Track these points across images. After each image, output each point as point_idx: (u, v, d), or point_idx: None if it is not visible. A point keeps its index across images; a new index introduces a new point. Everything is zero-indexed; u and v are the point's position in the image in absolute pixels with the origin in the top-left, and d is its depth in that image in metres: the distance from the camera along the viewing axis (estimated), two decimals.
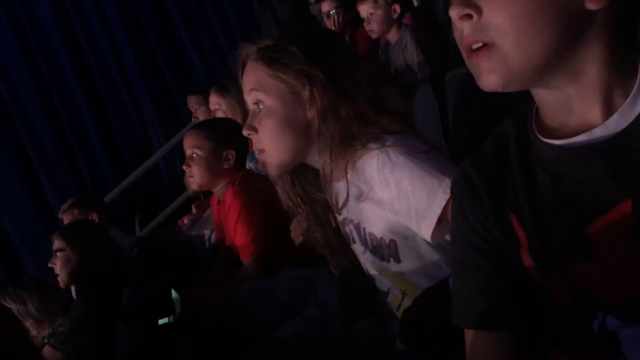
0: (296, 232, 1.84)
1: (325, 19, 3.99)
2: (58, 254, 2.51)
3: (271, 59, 1.34)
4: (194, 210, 3.43)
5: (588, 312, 0.86)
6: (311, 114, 1.32)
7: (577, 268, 0.84)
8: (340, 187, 1.37)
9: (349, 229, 1.44)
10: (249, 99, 1.37)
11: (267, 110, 1.34)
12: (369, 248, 1.40)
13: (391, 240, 1.34)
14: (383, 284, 1.43)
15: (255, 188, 2.20)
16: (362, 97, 1.31)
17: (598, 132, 0.81)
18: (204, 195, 3.35)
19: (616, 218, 0.79)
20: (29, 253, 4.54)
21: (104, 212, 3.57)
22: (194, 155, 2.31)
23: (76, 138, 4.94)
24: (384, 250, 1.36)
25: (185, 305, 2.38)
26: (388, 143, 1.26)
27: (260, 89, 1.34)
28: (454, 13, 0.81)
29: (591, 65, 0.80)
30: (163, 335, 2.26)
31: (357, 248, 1.45)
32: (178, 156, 4.88)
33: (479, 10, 0.79)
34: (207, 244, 2.85)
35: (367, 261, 1.43)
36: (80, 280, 2.53)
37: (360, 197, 1.33)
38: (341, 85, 1.31)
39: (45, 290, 2.69)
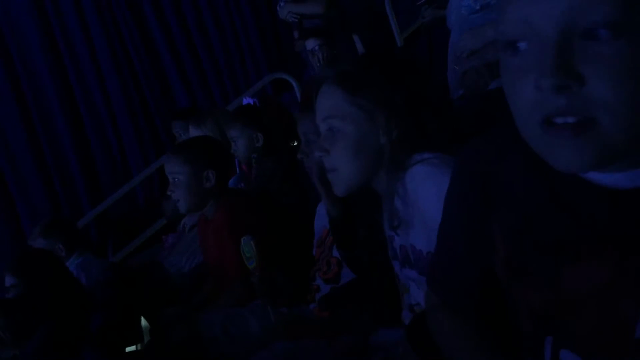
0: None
1: (310, 56, 4.03)
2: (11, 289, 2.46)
3: (351, 85, 1.32)
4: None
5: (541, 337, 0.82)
6: (384, 139, 1.31)
7: (543, 291, 0.79)
8: (398, 204, 1.36)
9: (396, 244, 1.41)
10: (324, 125, 1.35)
11: (341, 135, 1.33)
12: (409, 262, 1.37)
13: (428, 252, 1.30)
14: (416, 297, 1.39)
15: (246, 210, 2.24)
16: (434, 123, 1.31)
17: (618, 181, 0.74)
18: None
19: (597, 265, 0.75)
20: None
21: (74, 237, 3.48)
22: (176, 180, 2.30)
23: (54, 159, 4.91)
24: (423, 262, 1.32)
25: (154, 332, 2.33)
26: (426, 157, 1.27)
27: (337, 116, 1.32)
28: (547, 83, 0.67)
29: None
30: None
31: (397, 264, 1.43)
32: (156, 182, 4.85)
33: (581, 80, 0.66)
34: (185, 269, 2.81)
35: (405, 276, 1.40)
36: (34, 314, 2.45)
37: (407, 211, 1.32)
38: (417, 111, 1.30)
39: (11, 309, 2.61)
